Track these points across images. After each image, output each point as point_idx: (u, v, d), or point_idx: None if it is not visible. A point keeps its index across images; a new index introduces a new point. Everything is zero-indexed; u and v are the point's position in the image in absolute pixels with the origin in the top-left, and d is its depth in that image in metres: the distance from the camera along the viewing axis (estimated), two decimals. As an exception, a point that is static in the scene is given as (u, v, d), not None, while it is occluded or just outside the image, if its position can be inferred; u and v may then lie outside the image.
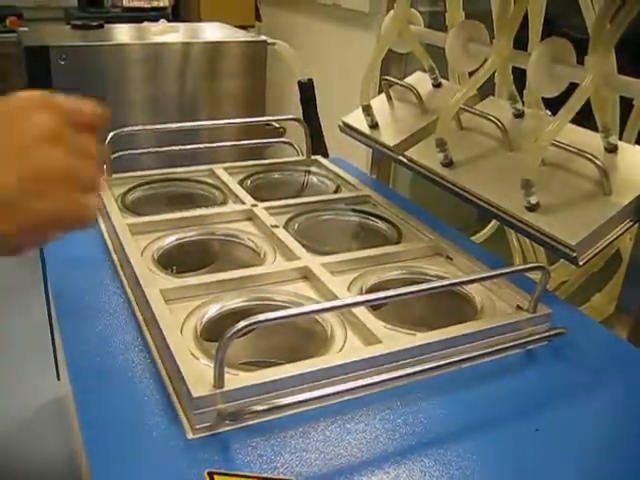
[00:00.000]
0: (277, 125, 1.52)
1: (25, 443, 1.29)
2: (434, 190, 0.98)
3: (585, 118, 0.84)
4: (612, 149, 0.83)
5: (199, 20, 2.70)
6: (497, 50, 0.90)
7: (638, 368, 0.69)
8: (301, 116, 1.54)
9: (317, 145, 1.44)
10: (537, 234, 0.80)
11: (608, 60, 0.78)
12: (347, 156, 1.22)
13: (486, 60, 0.92)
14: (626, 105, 0.88)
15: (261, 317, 0.54)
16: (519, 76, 0.94)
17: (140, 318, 0.70)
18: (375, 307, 0.73)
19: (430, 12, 1.79)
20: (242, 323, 0.53)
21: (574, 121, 0.82)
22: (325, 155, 1.25)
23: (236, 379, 0.57)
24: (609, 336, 0.74)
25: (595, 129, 0.85)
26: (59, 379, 1.32)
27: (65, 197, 0.57)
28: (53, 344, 1.30)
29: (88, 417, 0.57)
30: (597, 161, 0.79)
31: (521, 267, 0.68)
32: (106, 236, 0.88)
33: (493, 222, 1.18)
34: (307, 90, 1.58)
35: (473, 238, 1.15)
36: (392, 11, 1.07)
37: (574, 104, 0.78)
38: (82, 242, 0.87)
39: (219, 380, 0.56)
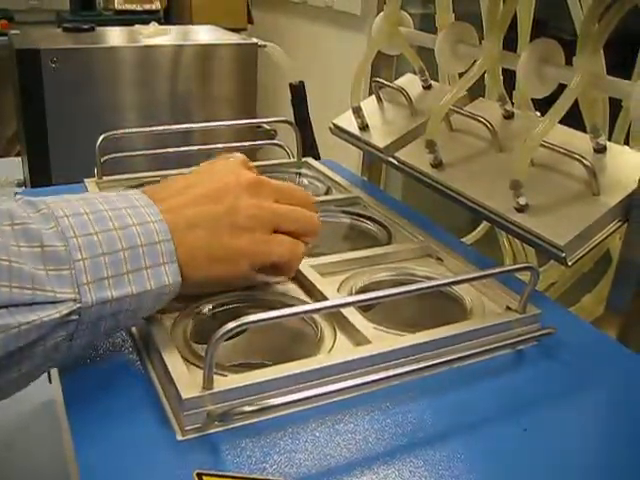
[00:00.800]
0: (268, 127, 1.52)
1: (16, 446, 1.28)
2: (426, 192, 0.98)
3: (576, 119, 0.85)
4: (601, 150, 0.83)
5: (191, 23, 2.71)
6: (486, 51, 0.90)
7: (628, 368, 0.69)
8: (292, 118, 1.55)
9: (309, 147, 1.44)
10: (526, 235, 0.81)
11: (596, 61, 0.78)
12: (340, 158, 1.22)
13: (475, 61, 0.93)
14: (615, 105, 0.89)
15: (250, 318, 0.54)
16: (509, 77, 0.94)
17: (130, 320, 0.70)
18: (365, 308, 0.73)
19: (421, 14, 1.80)
20: (231, 324, 0.54)
21: (566, 122, 0.83)
22: (317, 157, 1.25)
23: (225, 380, 0.57)
24: (599, 336, 0.75)
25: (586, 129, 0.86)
26: (50, 382, 1.32)
27: (275, 239, 0.69)
28: (45, 347, 1.30)
29: (78, 419, 0.57)
30: (585, 161, 0.79)
31: (510, 267, 0.68)
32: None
33: (483, 224, 1.18)
34: (298, 92, 1.59)
35: (464, 240, 1.15)
36: (382, 13, 1.07)
37: (562, 105, 0.78)
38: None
39: (208, 381, 0.56)
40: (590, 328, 0.76)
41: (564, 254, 0.76)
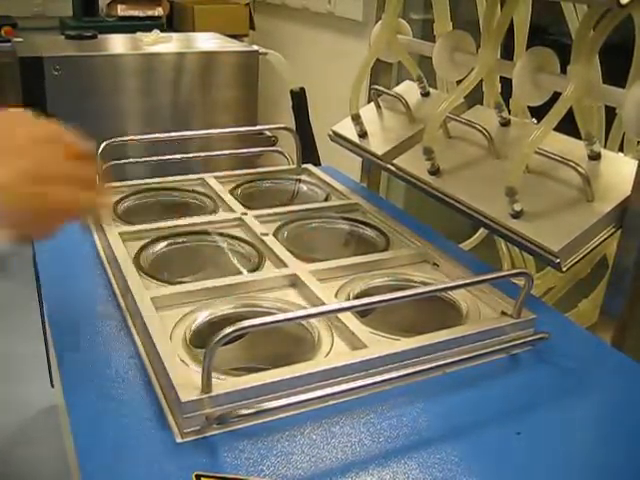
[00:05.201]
0: (269, 134, 1.53)
1: (19, 450, 1.30)
2: (428, 198, 0.99)
3: (575, 125, 0.86)
4: (595, 157, 0.84)
5: (193, 29, 2.71)
6: (482, 60, 0.91)
7: (621, 372, 0.70)
8: (293, 124, 1.55)
9: (309, 153, 1.45)
10: (521, 241, 0.82)
11: (590, 69, 0.79)
12: (341, 164, 1.23)
13: (473, 69, 0.94)
14: (610, 112, 0.90)
15: (247, 323, 0.56)
16: (506, 85, 0.95)
17: (131, 325, 0.72)
18: (363, 314, 0.74)
19: (423, 20, 1.81)
20: (228, 329, 0.55)
21: (565, 128, 0.84)
22: (317, 163, 1.26)
23: (224, 384, 0.58)
24: (593, 341, 0.76)
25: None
26: (52, 386, 1.33)
27: (65, 189, 0.60)
28: (47, 352, 1.31)
29: (79, 422, 0.58)
30: (580, 169, 0.80)
31: (504, 273, 0.69)
32: (98, 245, 0.89)
33: (482, 229, 1.19)
34: (299, 99, 1.60)
35: (462, 245, 1.16)
36: (380, 21, 1.09)
37: (556, 113, 0.79)
38: (75, 251, 0.88)
39: (207, 385, 0.57)
40: (584, 333, 0.77)
41: (558, 260, 0.77)
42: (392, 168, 1.05)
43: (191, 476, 0.52)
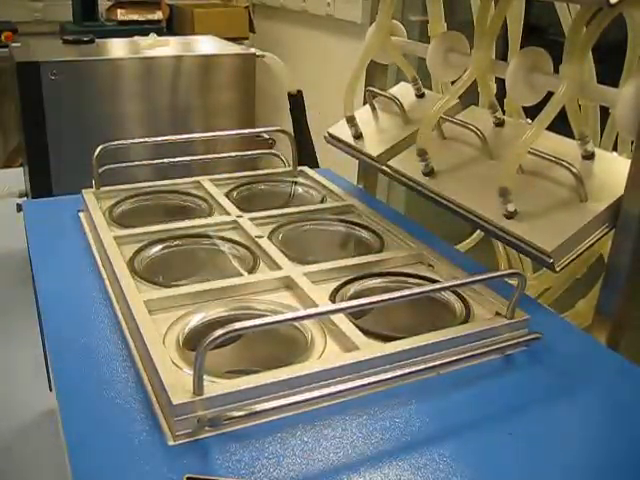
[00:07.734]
0: (267, 136, 1.53)
1: (17, 454, 1.29)
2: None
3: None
4: (589, 156, 0.84)
5: (193, 32, 2.72)
6: (476, 60, 0.91)
7: (615, 372, 0.70)
8: (292, 127, 1.56)
9: (307, 156, 1.45)
10: (515, 241, 0.81)
11: (582, 69, 0.79)
12: (340, 166, 1.23)
13: (467, 70, 0.94)
14: (604, 112, 0.90)
15: (237, 325, 0.56)
16: (502, 85, 0.95)
17: (125, 329, 0.72)
18: (357, 316, 0.74)
19: (422, 21, 1.81)
20: (219, 331, 0.55)
21: (560, 127, 0.84)
22: (315, 165, 1.26)
23: (216, 386, 0.58)
24: (587, 341, 0.75)
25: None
26: (51, 390, 1.33)
27: None
28: (45, 355, 1.31)
29: (72, 425, 0.58)
30: (573, 169, 0.80)
31: (497, 274, 0.69)
32: (94, 248, 0.89)
33: (478, 230, 1.19)
34: (296, 101, 1.60)
35: (459, 246, 1.16)
36: (374, 23, 1.09)
37: (549, 113, 0.79)
38: (70, 255, 0.88)
39: (198, 387, 0.57)
40: (579, 333, 0.77)
41: (552, 260, 0.77)
42: (387, 169, 1.05)
43: (183, 478, 0.52)
